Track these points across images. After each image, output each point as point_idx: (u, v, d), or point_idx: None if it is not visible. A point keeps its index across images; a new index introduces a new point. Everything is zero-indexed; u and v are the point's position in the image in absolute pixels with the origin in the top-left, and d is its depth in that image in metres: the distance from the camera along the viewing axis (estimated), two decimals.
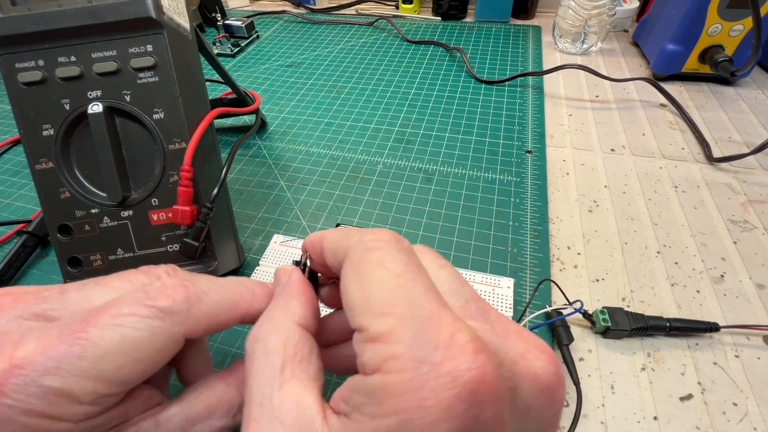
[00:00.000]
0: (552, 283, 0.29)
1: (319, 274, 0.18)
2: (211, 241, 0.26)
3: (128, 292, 0.14)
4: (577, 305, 0.26)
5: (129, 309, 0.14)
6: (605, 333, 0.26)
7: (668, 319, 0.26)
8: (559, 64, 0.50)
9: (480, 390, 0.10)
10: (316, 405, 0.12)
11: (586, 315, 0.27)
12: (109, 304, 0.14)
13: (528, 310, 0.27)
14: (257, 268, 0.30)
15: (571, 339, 0.25)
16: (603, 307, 0.27)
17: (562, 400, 0.13)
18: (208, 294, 0.15)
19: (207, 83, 0.35)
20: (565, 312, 0.26)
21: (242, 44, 0.63)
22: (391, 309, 0.12)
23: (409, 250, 0.14)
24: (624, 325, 0.26)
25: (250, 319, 0.16)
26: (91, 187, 0.25)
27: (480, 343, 0.11)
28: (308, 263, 0.17)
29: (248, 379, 0.13)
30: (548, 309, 0.27)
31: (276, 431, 0.12)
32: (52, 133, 0.24)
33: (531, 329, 0.26)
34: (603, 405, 0.24)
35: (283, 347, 0.14)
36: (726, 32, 0.46)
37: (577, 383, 0.24)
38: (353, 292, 0.13)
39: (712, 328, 0.26)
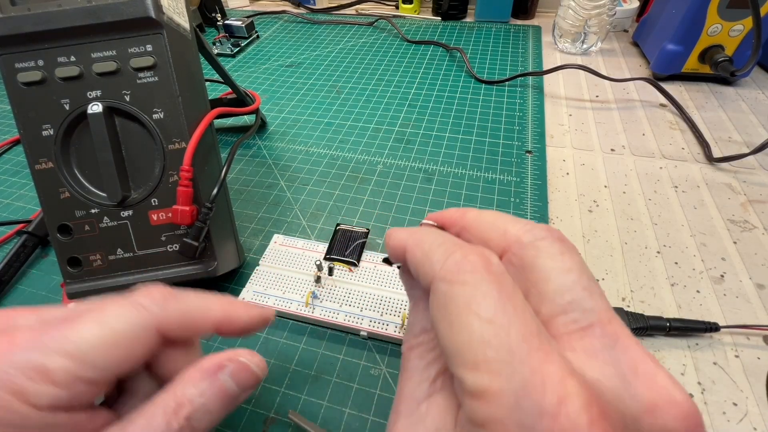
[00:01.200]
0: None
1: None
2: (210, 241, 0.26)
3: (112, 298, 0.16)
4: None
5: (111, 304, 0.15)
6: None
7: (668, 319, 0.26)
8: (559, 64, 0.50)
9: None
10: (453, 421, 0.12)
11: None
12: (99, 302, 0.15)
13: None
14: (257, 268, 0.30)
15: None
16: None
17: None
18: (185, 296, 0.17)
19: (207, 83, 0.35)
20: None
21: (242, 44, 0.63)
22: (487, 364, 0.10)
23: (501, 276, 0.12)
24: None
25: (227, 330, 0.17)
26: (90, 187, 0.25)
27: (595, 410, 0.09)
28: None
29: (401, 379, 0.14)
30: None
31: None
32: (51, 133, 0.24)
33: None
34: None
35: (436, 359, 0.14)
36: (726, 32, 0.46)
37: None
38: (444, 335, 0.12)
39: (712, 328, 0.26)
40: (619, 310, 0.26)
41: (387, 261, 0.18)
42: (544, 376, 0.10)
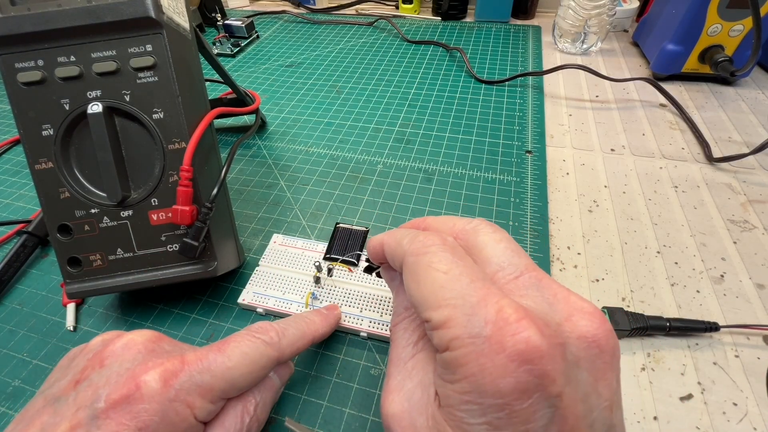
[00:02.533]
0: None
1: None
2: (210, 241, 0.26)
3: (237, 332, 0.20)
4: None
5: (243, 336, 0.19)
6: None
7: (668, 319, 0.26)
8: (559, 64, 0.50)
9: (526, 350, 0.13)
10: (432, 370, 0.16)
11: None
12: (230, 337, 0.19)
13: None
14: (257, 268, 0.30)
15: None
16: (603, 307, 0.27)
17: (612, 349, 0.14)
18: (287, 329, 0.21)
19: (207, 83, 0.35)
20: None
21: (242, 44, 0.63)
22: (446, 301, 0.14)
23: (454, 247, 0.16)
24: (624, 325, 0.26)
25: (318, 340, 0.23)
26: (90, 187, 0.25)
27: (521, 312, 0.13)
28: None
29: (391, 349, 0.19)
30: None
31: (407, 385, 0.17)
32: (51, 133, 0.24)
33: None
34: None
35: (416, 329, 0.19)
36: (726, 32, 0.46)
37: None
38: (414, 292, 0.16)
39: (712, 327, 0.26)
40: (619, 310, 0.26)
41: (368, 269, 0.23)
42: (486, 300, 0.14)
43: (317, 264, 0.29)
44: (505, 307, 0.13)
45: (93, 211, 0.25)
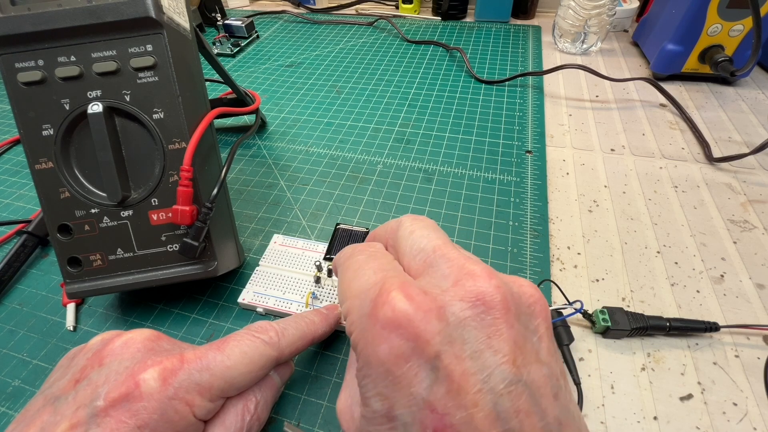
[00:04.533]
0: (552, 284, 0.29)
1: None
2: (210, 241, 0.26)
3: (237, 331, 0.20)
4: (577, 305, 0.26)
5: (243, 335, 0.19)
6: (605, 333, 0.26)
7: (668, 319, 0.26)
8: (559, 64, 0.50)
9: (393, 317, 0.14)
10: None
11: (586, 315, 0.27)
12: (229, 335, 0.19)
13: None
14: (257, 268, 0.30)
15: (571, 339, 0.25)
16: (603, 307, 0.27)
17: (500, 304, 0.14)
18: (287, 329, 0.21)
19: (207, 83, 0.35)
20: (565, 312, 0.26)
21: (242, 44, 0.63)
22: (350, 293, 0.16)
23: (374, 251, 0.18)
24: (624, 325, 0.26)
25: (318, 340, 0.23)
26: (90, 187, 0.25)
27: (395, 285, 0.14)
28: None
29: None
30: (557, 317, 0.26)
31: (351, 382, 0.17)
32: (51, 133, 0.24)
33: None
34: (603, 405, 0.24)
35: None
36: (726, 32, 0.46)
37: (577, 383, 0.24)
38: (338, 294, 0.18)
39: (712, 327, 0.26)
40: (618, 310, 0.26)
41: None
42: (377, 285, 0.15)
43: (318, 263, 0.29)
44: (385, 284, 0.15)
45: (93, 211, 0.25)
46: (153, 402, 0.16)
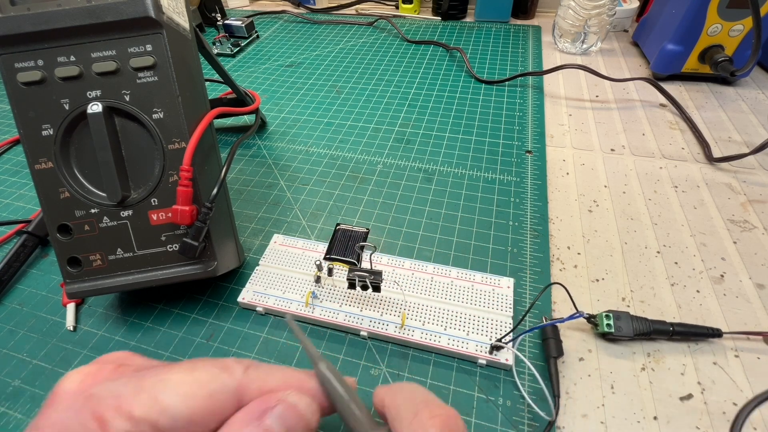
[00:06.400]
0: (560, 287, 0.28)
1: None
2: (210, 241, 0.26)
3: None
4: (582, 313, 0.26)
5: (203, 361, 0.16)
6: (607, 335, 0.26)
7: (671, 324, 0.26)
8: (559, 64, 0.50)
9: None
10: None
11: (590, 319, 0.26)
12: (192, 360, 0.16)
13: (528, 316, 0.27)
14: (257, 267, 0.30)
15: (560, 353, 0.25)
16: (609, 312, 0.26)
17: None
18: (268, 367, 0.16)
19: (207, 83, 0.35)
20: (565, 316, 0.26)
21: (242, 44, 0.63)
22: None
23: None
24: (627, 332, 0.25)
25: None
26: (90, 187, 0.25)
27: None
28: None
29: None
30: (545, 322, 0.26)
31: None
32: (51, 132, 0.24)
33: (524, 331, 0.26)
34: (603, 405, 0.24)
35: None
36: (726, 32, 0.45)
37: (556, 395, 0.23)
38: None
39: (715, 333, 0.26)
40: (624, 315, 0.26)
41: (352, 285, 0.25)
42: None
43: (318, 263, 0.29)
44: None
45: (93, 211, 0.25)
46: (58, 412, 0.14)
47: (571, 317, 0.25)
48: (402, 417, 0.15)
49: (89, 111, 0.23)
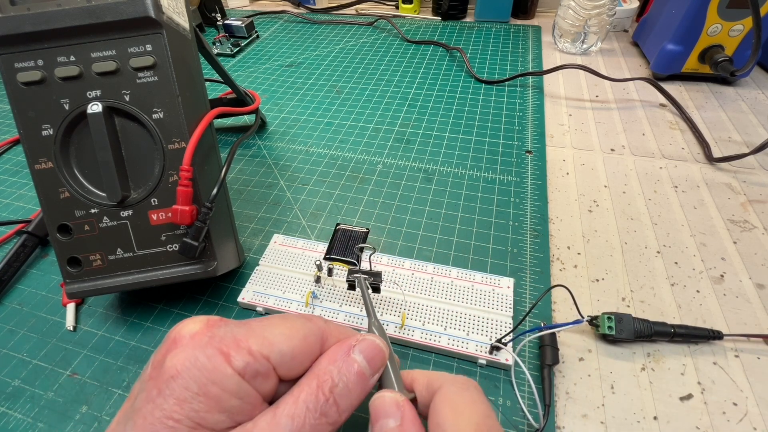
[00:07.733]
0: (565, 289, 0.27)
1: None
2: (210, 241, 0.26)
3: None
4: (584, 318, 0.26)
5: (291, 314, 0.19)
6: (607, 337, 0.26)
7: (672, 326, 0.26)
8: (559, 64, 0.50)
9: None
10: None
11: (591, 321, 0.26)
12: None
13: (528, 317, 0.27)
14: (257, 267, 0.30)
15: (555, 361, 0.25)
16: (611, 314, 0.26)
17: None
18: (337, 322, 0.21)
19: (207, 83, 0.35)
20: (566, 318, 0.26)
21: (242, 44, 0.63)
22: None
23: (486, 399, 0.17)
24: (628, 334, 0.25)
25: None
26: (90, 187, 0.25)
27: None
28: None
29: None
30: (543, 332, 0.25)
31: None
32: (51, 132, 0.24)
33: (524, 332, 0.26)
34: (603, 405, 0.24)
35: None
36: (726, 32, 0.45)
37: (547, 404, 0.23)
38: (447, 418, 0.16)
39: (716, 336, 0.26)
40: (626, 317, 0.26)
41: (351, 287, 0.26)
42: None
43: (318, 263, 0.29)
44: None
45: (93, 211, 0.25)
46: (187, 350, 0.16)
47: (575, 323, 0.25)
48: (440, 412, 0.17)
49: (89, 111, 0.23)
